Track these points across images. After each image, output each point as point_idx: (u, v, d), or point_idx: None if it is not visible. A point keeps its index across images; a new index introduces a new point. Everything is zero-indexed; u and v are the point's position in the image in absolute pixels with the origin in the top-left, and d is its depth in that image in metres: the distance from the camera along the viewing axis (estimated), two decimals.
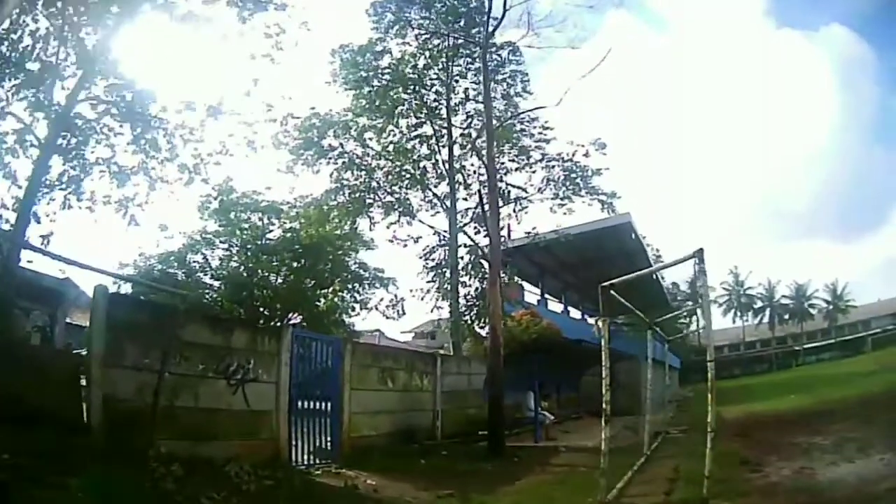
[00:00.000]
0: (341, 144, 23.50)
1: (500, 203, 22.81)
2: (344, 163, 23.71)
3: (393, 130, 24.33)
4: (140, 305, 10.58)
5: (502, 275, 20.60)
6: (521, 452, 14.26)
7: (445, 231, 24.08)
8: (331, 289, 26.23)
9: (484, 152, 17.99)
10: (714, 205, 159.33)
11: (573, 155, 23.29)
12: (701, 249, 6.88)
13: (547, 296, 34.22)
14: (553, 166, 23.69)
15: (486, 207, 16.40)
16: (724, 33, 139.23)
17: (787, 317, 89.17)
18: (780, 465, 9.94)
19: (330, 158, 23.36)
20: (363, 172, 24.08)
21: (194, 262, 25.75)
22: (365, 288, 27.50)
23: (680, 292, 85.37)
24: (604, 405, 7.44)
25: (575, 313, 39.15)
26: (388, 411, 14.67)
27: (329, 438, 12.50)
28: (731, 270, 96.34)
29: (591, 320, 40.19)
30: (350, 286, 26.98)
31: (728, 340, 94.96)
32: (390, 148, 24.39)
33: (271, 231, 26.65)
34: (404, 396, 15.47)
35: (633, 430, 19.39)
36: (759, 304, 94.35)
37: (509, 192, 22.86)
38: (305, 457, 11.70)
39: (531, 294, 31.99)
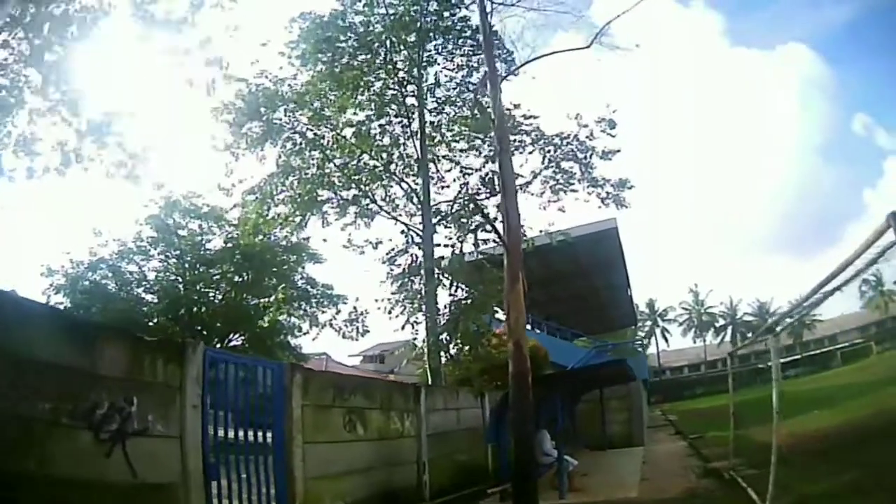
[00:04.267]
0: (292, 120, 19.47)
1: (487, 194, 18.88)
2: (294, 143, 19.58)
3: (356, 112, 20.50)
4: None
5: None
6: None
7: (417, 228, 19.92)
8: (274, 297, 22.99)
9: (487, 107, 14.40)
10: (671, 223, 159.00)
11: (574, 137, 19.47)
12: None
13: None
14: (549, 150, 19.72)
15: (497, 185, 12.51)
16: (678, 51, 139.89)
17: (749, 334, 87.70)
18: None
19: (277, 138, 19.23)
20: (318, 154, 19.95)
21: (129, 272, 23.70)
22: (312, 306, 24.40)
23: (639, 313, 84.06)
24: None
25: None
26: (360, 470, 10.03)
27: None
28: (690, 289, 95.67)
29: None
30: (296, 303, 23.79)
31: (688, 360, 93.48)
32: (348, 133, 20.45)
33: (210, 241, 24.82)
34: (381, 447, 10.85)
35: (656, 466, 16.16)
36: (721, 322, 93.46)
37: (493, 179, 18.74)
38: None
39: None
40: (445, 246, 19.64)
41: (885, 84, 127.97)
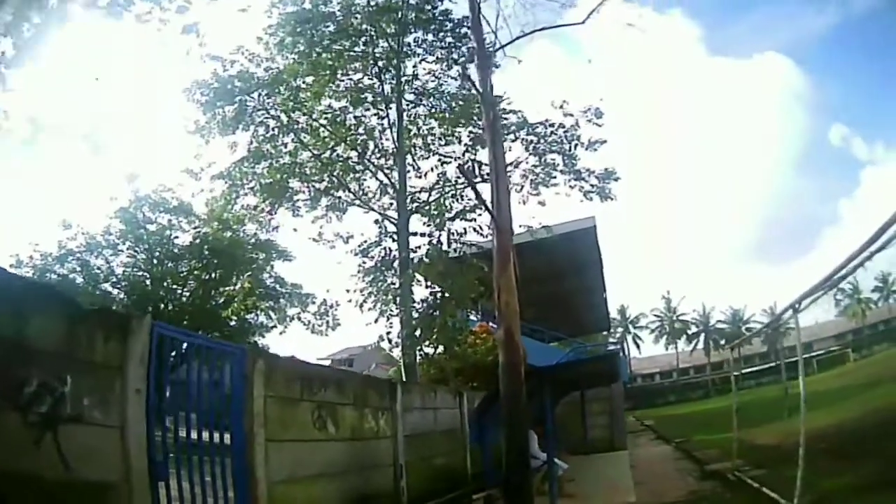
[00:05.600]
0: (265, 103, 18.52)
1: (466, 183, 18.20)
2: (267, 129, 18.81)
3: (330, 104, 19.85)
4: None
5: None
6: None
7: (392, 218, 19.11)
8: (239, 286, 22.30)
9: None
10: (644, 229, 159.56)
11: (559, 125, 18.72)
12: None
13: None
14: (532, 140, 18.91)
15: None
16: (655, 58, 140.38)
17: (723, 342, 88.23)
18: None
19: (250, 121, 18.47)
20: (291, 140, 19.17)
21: (97, 267, 23.64)
22: (281, 305, 24.11)
23: (611, 319, 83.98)
24: None
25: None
26: (331, 473, 8.94)
27: None
28: (663, 296, 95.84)
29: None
30: (264, 302, 23.09)
31: (659, 367, 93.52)
32: (324, 120, 19.66)
33: (178, 237, 24.65)
34: (354, 448, 9.76)
35: (646, 470, 15.51)
36: (694, 329, 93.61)
37: (474, 166, 17.99)
38: None
39: None
40: (422, 235, 18.84)
41: (863, 95, 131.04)
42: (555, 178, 19.05)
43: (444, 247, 18.64)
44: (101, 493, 5.34)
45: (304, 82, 19.02)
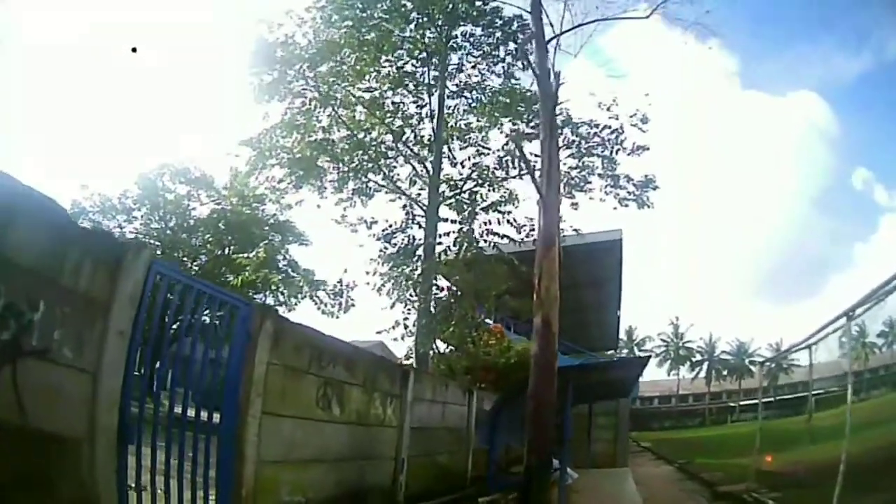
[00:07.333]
0: (306, 75, 17.74)
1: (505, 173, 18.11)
2: (304, 101, 18.16)
3: (370, 87, 19.19)
4: None
5: None
6: None
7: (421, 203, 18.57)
8: (254, 254, 22.12)
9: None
10: (658, 253, 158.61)
11: (604, 127, 18.16)
12: None
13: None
14: (574, 140, 18.34)
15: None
16: (685, 88, 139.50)
17: (725, 372, 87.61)
18: None
19: (287, 92, 17.83)
20: (326, 115, 18.54)
21: (108, 230, 22.49)
22: (293, 281, 23.60)
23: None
24: None
25: None
26: (329, 459, 7.99)
27: None
28: (671, 321, 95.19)
29: None
30: (277, 276, 22.69)
31: (659, 392, 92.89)
32: (365, 97, 19.03)
33: (195, 208, 24.76)
34: (357, 434, 8.76)
35: (651, 487, 15.00)
36: (698, 357, 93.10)
37: (512, 158, 17.33)
38: None
39: None
40: (452, 221, 18.33)
41: (889, 142, 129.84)
42: (590, 182, 18.51)
43: (482, 241, 18.29)
44: (58, 448, 4.41)
45: (347, 58, 18.45)
